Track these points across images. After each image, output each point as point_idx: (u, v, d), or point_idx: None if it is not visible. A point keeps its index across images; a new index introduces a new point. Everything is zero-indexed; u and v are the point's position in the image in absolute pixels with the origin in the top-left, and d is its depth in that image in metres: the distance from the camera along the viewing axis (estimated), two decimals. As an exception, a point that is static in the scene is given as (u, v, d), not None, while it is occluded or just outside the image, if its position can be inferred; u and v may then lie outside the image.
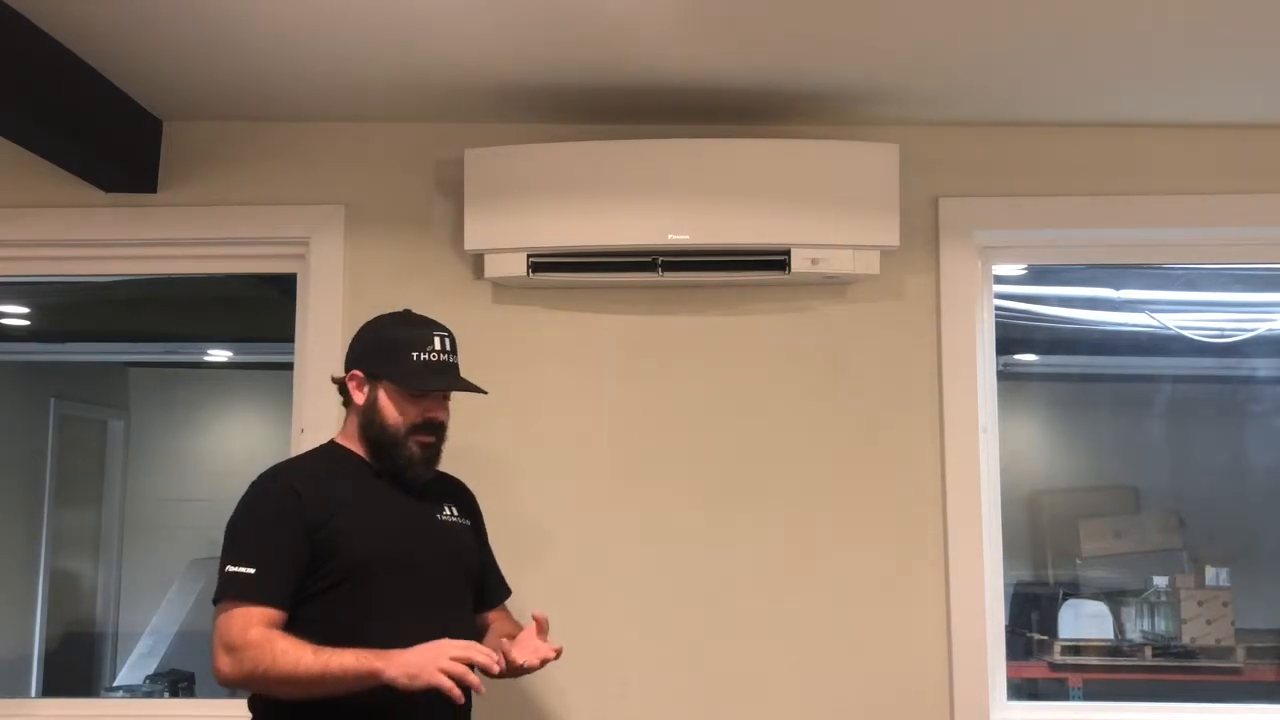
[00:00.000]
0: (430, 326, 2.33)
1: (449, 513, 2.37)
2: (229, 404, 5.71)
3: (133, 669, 5.05)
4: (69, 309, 4.72)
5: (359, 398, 2.31)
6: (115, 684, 5.03)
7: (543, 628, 2.20)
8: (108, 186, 2.98)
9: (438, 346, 2.30)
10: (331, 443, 2.38)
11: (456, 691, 1.99)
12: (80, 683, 5.25)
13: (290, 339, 3.05)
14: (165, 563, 5.19)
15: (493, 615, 2.45)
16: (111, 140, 2.83)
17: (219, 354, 5.59)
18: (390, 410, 2.27)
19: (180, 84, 2.79)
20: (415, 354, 2.27)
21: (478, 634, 2.35)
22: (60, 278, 3.47)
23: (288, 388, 3.03)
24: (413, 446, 2.26)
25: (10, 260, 3.10)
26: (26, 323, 4.70)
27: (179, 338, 5.23)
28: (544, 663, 2.14)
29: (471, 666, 2.01)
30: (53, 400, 5.28)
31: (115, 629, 5.46)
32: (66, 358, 5.27)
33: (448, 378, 2.31)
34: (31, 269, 3.17)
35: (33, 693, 4.90)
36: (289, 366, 3.04)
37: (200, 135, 3.02)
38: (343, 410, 2.38)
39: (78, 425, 5.53)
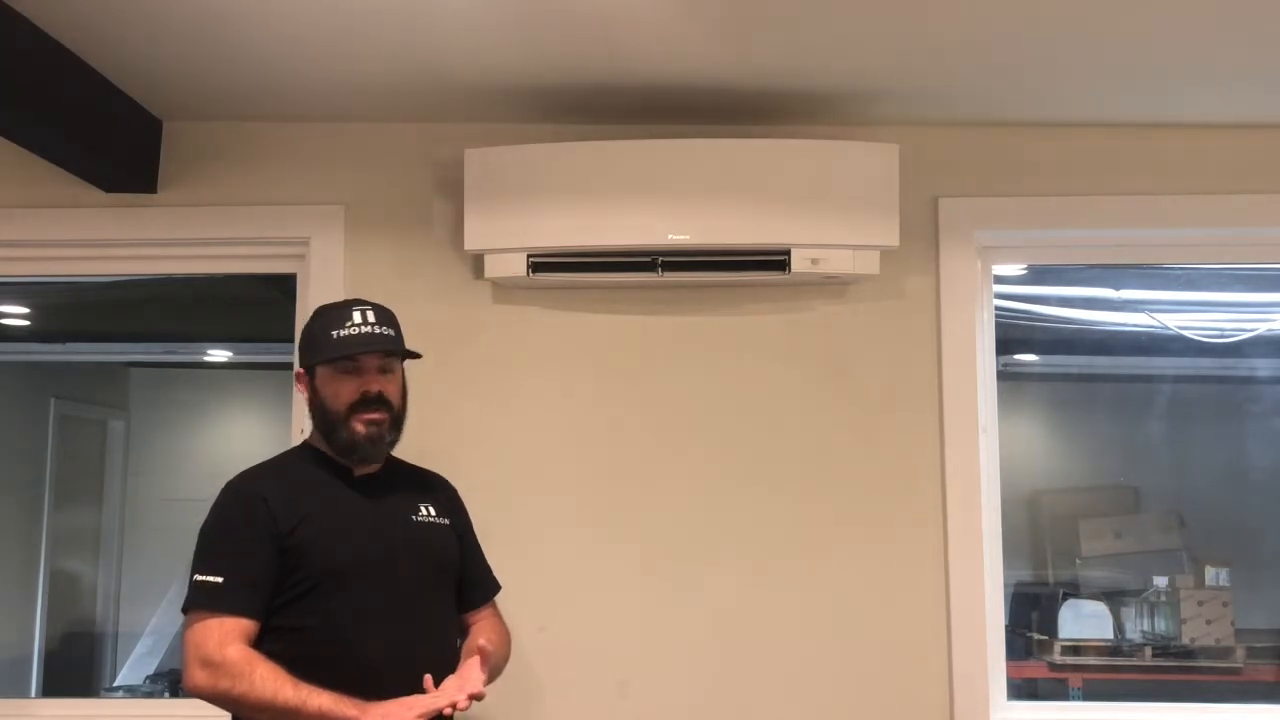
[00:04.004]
0: (350, 304, 2.32)
1: (425, 512, 2.35)
2: (229, 404, 5.71)
3: (133, 669, 5.05)
4: (69, 309, 4.72)
5: (305, 397, 2.31)
6: (115, 684, 5.04)
7: (486, 660, 2.17)
8: (108, 186, 2.98)
9: (356, 320, 2.26)
10: (305, 444, 2.37)
11: None
12: (80, 683, 5.24)
13: (290, 339, 3.04)
14: (165, 563, 5.19)
15: (478, 616, 2.41)
16: (111, 140, 2.83)
17: (219, 354, 5.59)
18: (327, 394, 2.26)
19: (180, 84, 2.79)
20: (335, 333, 2.25)
21: (456, 634, 2.34)
22: (60, 278, 3.47)
23: (288, 388, 3.02)
24: (356, 426, 2.23)
25: (10, 260, 3.10)
26: (26, 323, 4.70)
27: (179, 338, 5.23)
28: (471, 700, 2.11)
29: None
30: (53, 400, 5.28)
31: (115, 629, 5.46)
32: (66, 358, 5.26)
33: (364, 343, 2.25)
34: (31, 269, 3.16)
35: (33, 693, 4.91)
36: (289, 366, 3.03)
37: (200, 135, 3.02)
38: None
39: (78, 425, 5.53)
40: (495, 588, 2.48)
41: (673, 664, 2.84)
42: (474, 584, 2.43)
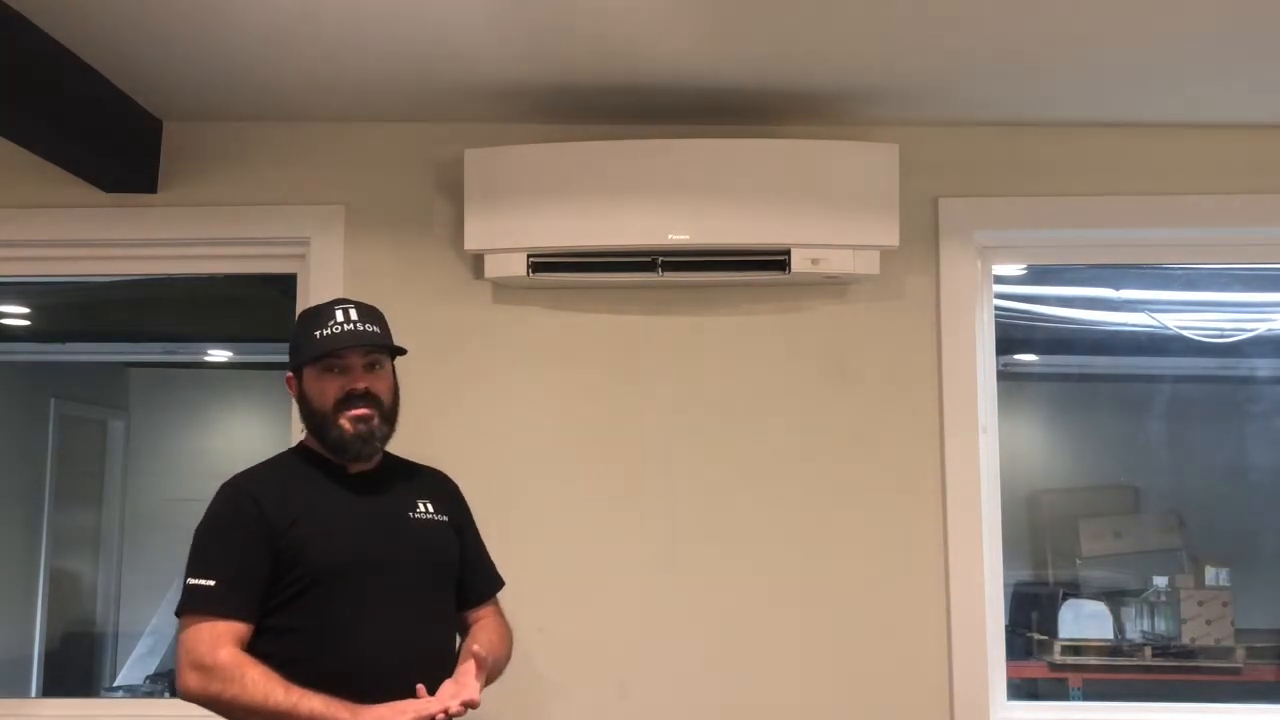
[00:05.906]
0: (334, 304, 2.29)
1: (423, 510, 2.32)
2: (229, 404, 5.70)
3: (133, 669, 5.05)
4: (69, 309, 4.72)
5: (295, 398, 2.30)
6: (115, 684, 5.03)
7: (481, 666, 2.15)
8: (108, 186, 2.98)
9: (339, 318, 2.23)
10: (300, 445, 2.35)
11: None
12: (80, 683, 5.24)
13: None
14: (165, 563, 5.17)
15: (479, 614, 2.38)
16: (111, 140, 2.84)
17: (219, 354, 5.58)
18: (314, 394, 2.24)
19: (180, 84, 2.79)
20: (318, 332, 2.23)
21: (454, 634, 2.32)
22: (60, 278, 3.47)
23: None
24: (344, 424, 2.21)
25: (10, 260, 3.11)
26: (26, 323, 4.69)
27: (179, 338, 5.22)
28: (465, 707, 2.08)
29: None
30: (53, 400, 5.28)
31: (115, 629, 5.46)
32: (66, 358, 5.26)
33: (348, 340, 2.22)
34: (31, 269, 3.17)
35: (33, 693, 4.90)
36: (288, 366, 3.04)
37: (200, 135, 3.02)
38: None
39: (78, 425, 5.53)
40: (497, 585, 2.45)
41: (672, 664, 2.84)
42: (474, 581, 2.39)
